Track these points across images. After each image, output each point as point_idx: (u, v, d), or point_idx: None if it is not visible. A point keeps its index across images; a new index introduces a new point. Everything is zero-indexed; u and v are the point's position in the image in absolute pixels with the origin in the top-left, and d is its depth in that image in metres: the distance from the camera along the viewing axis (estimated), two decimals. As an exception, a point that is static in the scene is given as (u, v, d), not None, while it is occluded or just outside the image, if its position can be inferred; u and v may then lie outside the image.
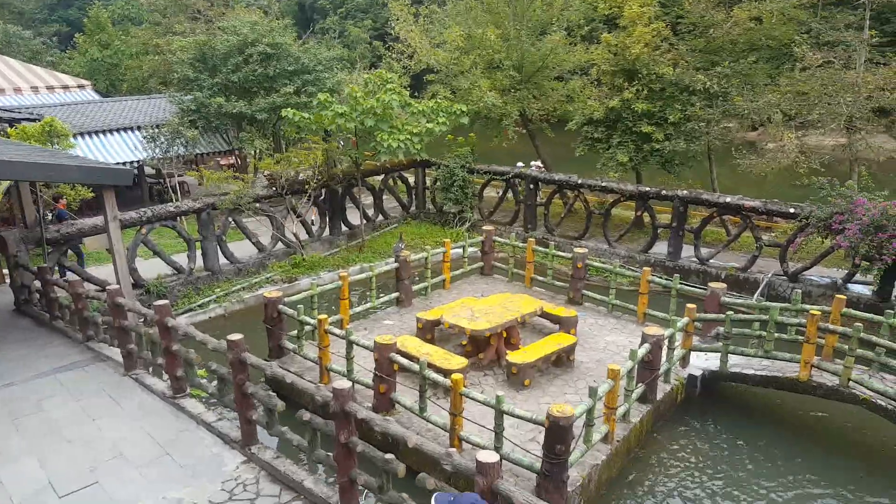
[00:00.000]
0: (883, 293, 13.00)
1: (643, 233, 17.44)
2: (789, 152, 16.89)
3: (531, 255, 13.91)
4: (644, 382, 9.27)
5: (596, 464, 8.14)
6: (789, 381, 9.81)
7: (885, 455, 9.34)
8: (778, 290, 14.12)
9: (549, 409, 7.20)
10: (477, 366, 10.42)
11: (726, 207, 15.01)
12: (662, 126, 17.17)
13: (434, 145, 18.81)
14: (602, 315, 12.69)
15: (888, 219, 11.52)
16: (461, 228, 19.03)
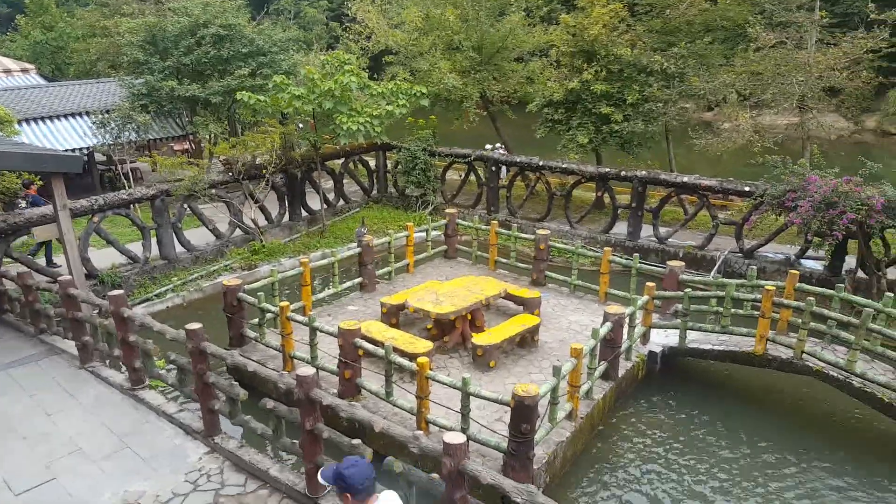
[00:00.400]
0: (834, 268, 13.43)
1: (604, 214, 17.64)
2: (744, 132, 17.25)
3: (494, 238, 13.93)
4: (606, 360, 9.41)
5: (561, 441, 8.25)
6: (746, 354, 10.09)
7: (835, 422, 9.71)
8: (734, 267, 14.46)
9: (514, 389, 7.26)
10: (442, 349, 10.42)
11: (683, 187, 15.27)
12: (621, 107, 17.33)
13: (394, 128, 18.65)
14: (565, 295, 12.82)
15: (839, 195, 11.83)
16: (424, 212, 18.95)
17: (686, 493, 8.21)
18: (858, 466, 8.58)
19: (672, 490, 8.29)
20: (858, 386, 9.09)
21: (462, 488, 5.73)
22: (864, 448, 9.04)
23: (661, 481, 8.45)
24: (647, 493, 8.24)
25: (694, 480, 8.44)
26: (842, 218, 11.62)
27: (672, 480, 8.45)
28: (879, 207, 11.44)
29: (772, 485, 8.32)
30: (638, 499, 8.15)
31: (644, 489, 8.31)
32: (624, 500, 8.15)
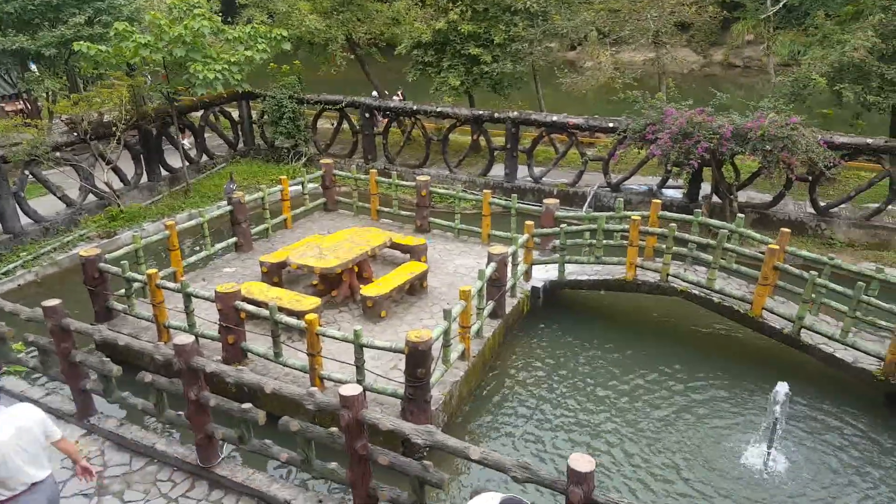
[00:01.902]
0: (692, 195, 14.48)
1: (481, 156, 17.82)
2: (605, 69, 17.91)
3: (375, 187, 13.67)
4: (493, 299, 9.63)
5: (456, 380, 8.42)
6: (618, 282, 10.72)
7: (702, 336, 10.62)
8: (603, 201, 15.20)
9: (407, 336, 7.26)
10: (331, 304, 10.21)
11: (553, 126, 15.69)
12: (489, 48, 17.35)
13: (257, 75, 17.59)
14: (450, 240, 12.92)
15: (693, 126, 12.63)
16: (297, 164, 18.21)
17: (574, 417, 8.69)
18: (726, 374, 9.45)
19: (562, 414, 8.74)
20: (718, 301, 9.95)
21: (362, 437, 5.70)
22: (729, 357, 9.97)
23: (551, 407, 8.88)
24: (540, 419, 8.64)
25: (581, 404, 8.95)
26: (697, 147, 12.43)
27: (561, 406, 8.91)
28: (729, 135, 12.34)
29: (651, 400, 9.00)
30: (531, 426, 8.53)
31: (536, 416, 8.71)
32: (519, 429, 8.49)
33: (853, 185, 14.40)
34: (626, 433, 8.35)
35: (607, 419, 8.63)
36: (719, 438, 8.22)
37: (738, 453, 7.96)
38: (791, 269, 9.34)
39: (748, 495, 7.33)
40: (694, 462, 7.83)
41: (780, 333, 9.40)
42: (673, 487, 7.47)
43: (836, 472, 7.70)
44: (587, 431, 8.42)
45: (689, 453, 7.97)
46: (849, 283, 8.79)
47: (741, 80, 29.91)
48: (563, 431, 8.43)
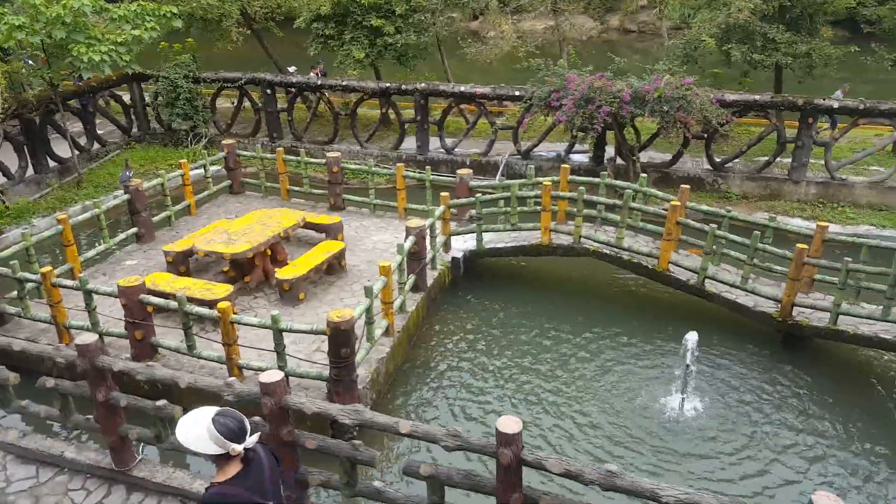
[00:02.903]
0: (597, 158, 14.89)
1: (391, 130, 17.59)
2: (508, 38, 17.99)
3: (282, 166, 13.23)
4: (414, 273, 9.59)
5: (382, 357, 8.36)
6: (534, 247, 10.94)
7: (613, 291, 11.04)
8: (515, 169, 15.39)
9: (328, 316, 7.11)
10: (245, 290, 9.85)
11: (462, 96, 15.65)
12: (391, 19, 17.00)
13: (147, 56, 16.54)
14: (366, 216, 12.72)
15: (595, 91, 12.93)
16: (198, 146, 17.34)
17: (501, 381, 8.85)
18: (640, 328, 9.86)
19: (489, 379, 8.87)
20: (628, 258, 10.35)
21: (287, 424, 5.55)
22: (642, 310, 10.41)
23: (479, 373, 8.99)
24: (468, 387, 8.74)
25: (507, 368, 9.11)
26: (599, 112, 12.75)
27: (488, 371, 9.04)
28: (628, 99, 12.72)
29: (572, 357, 9.28)
30: (461, 394, 8.62)
31: (465, 384, 8.80)
32: (448, 398, 8.56)
33: (745, 141, 15.22)
34: (551, 391, 8.59)
35: (532, 380, 8.84)
36: (637, 389, 8.59)
37: (656, 401, 8.36)
38: (692, 224, 9.81)
39: (666, 439, 7.73)
40: (615, 413, 8.16)
41: (686, 285, 9.89)
42: (596, 439, 7.77)
43: (744, 408, 8.23)
44: (514, 394, 8.59)
45: (609, 405, 8.30)
46: (745, 232, 9.34)
47: (637, 45, 30.89)
48: (491, 396, 8.57)
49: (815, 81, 16.12)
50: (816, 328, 8.94)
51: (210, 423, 3.45)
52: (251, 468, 3.60)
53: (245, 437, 3.54)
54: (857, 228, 12.67)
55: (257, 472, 3.63)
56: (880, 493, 7.03)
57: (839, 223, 12.84)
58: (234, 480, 3.51)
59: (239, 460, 3.56)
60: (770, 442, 7.70)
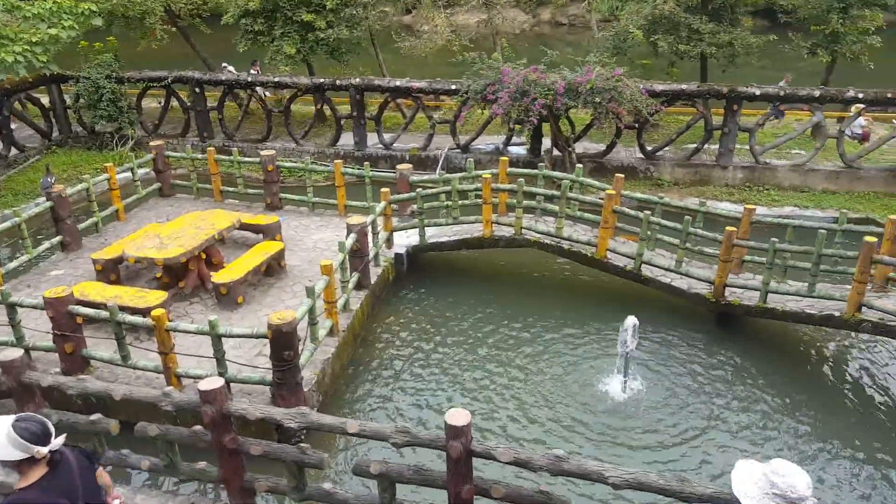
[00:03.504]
0: (534, 150, 15.06)
1: (327, 126, 17.33)
2: (442, 32, 17.99)
3: (214, 166, 12.84)
4: (357, 270, 9.48)
5: (327, 358, 8.24)
6: (477, 240, 10.99)
7: (555, 280, 11.21)
8: (455, 163, 15.42)
9: (268, 319, 6.96)
10: (180, 296, 9.53)
11: (398, 91, 15.56)
12: (322, 13, 16.73)
13: (66, 56, 15.74)
14: (304, 215, 12.49)
15: (529, 84, 13.07)
16: (124, 149, 16.64)
17: (449, 374, 8.86)
18: (582, 314, 10.04)
19: (437, 373, 8.87)
20: (568, 247, 10.52)
21: (230, 431, 5.41)
22: (583, 297, 10.63)
23: (426, 368, 8.98)
24: (416, 382, 8.71)
25: (454, 361, 9.13)
26: (534, 104, 12.91)
27: (435, 365, 9.04)
28: (562, 91, 12.92)
29: (517, 346, 9.37)
30: (409, 390, 8.58)
31: (412, 379, 8.77)
32: (397, 394, 8.52)
33: (674, 129, 15.69)
34: (499, 381, 8.66)
35: (481, 371, 8.89)
36: (581, 373, 8.76)
37: (599, 384, 8.54)
38: (627, 211, 10.06)
39: (611, 421, 7.91)
40: (561, 398, 8.30)
41: (623, 271, 10.13)
42: (544, 425, 7.88)
43: (682, 386, 8.51)
44: (462, 386, 8.62)
45: (555, 391, 8.44)
46: (678, 218, 9.64)
47: (569, 38, 31.41)
48: (440, 389, 8.57)
49: (739, 70, 16.75)
50: (747, 307, 9.31)
51: (10, 429, 3.38)
52: (58, 471, 3.56)
53: (50, 440, 3.48)
54: (782, 210, 13.28)
55: (64, 474, 3.59)
56: (812, 458, 7.39)
57: (765, 205, 13.42)
58: (36, 485, 3.46)
59: (44, 464, 3.51)
60: (708, 417, 7.98)
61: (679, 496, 4.49)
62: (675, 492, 4.45)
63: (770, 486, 2.80)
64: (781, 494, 2.77)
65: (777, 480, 2.80)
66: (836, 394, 8.50)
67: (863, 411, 8.15)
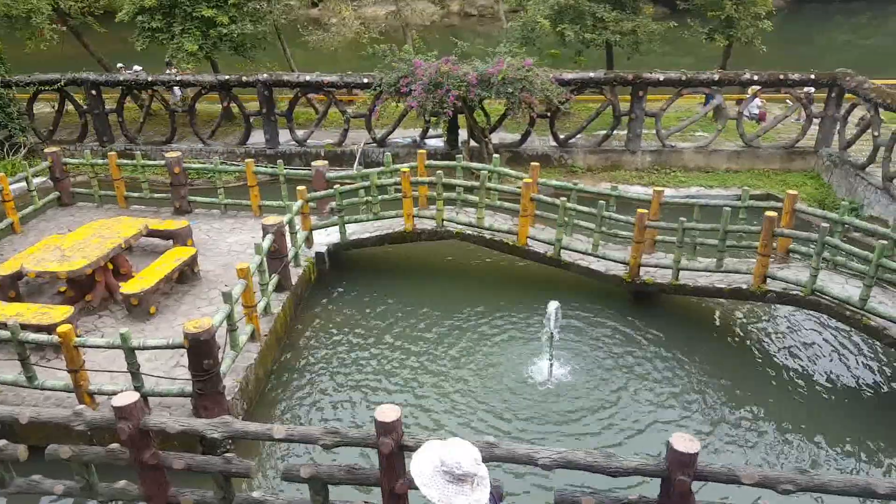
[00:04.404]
0: (452, 142, 15.12)
1: (236, 124, 16.78)
2: (350, 25, 17.73)
3: (117, 172, 12.17)
4: (276, 272, 9.23)
5: (249, 364, 7.99)
6: (399, 234, 10.94)
7: (478, 269, 11.33)
8: (372, 157, 15.27)
9: (184, 327, 6.67)
10: (88, 310, 9.00)
11: (308, 86, 15.24)
12: (224, 8, 16.15)
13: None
14: (217, 217, 12.05)
15: (442, 76, 13.08)
16: (16, 157, 15.53)
17: (378, 371, 8.78)
18: (506, 302, 10.16)
19: (365, 371, 8.77)
20: (489, 237, 10.63)
21: (149, 447, 5.16)
22: (507, 285, 10.76)
23: (354, 366, 8.85)
24: (345, 382, 8.57)
25: (383, 358, 9.05)
26: (448, 96, 12.94)
27: (363, 363, 8.93)
28: (475, 82, 13.01)
29: (444, 337, 9.39)
30: (338, 390, 8.44)
31: (341, 380, 8.62)
32: (326, 396, 8.36)
33: (585, 117, 16.11)
34: (428, 373, 8.66)
35: (409, 364, 8.85)
36: (509, 359, 8.89)
37: (527, 369, 8.69)
38: (545, 199, 10.26)
39: (540, 404, 8.07)
40: (491, 385, 8.39)
41: (544, 257, 10.34)
42: (476, 413, 7.94)
43: (605, 364, 8.78)
44: (392, 381, 8.56)
45: (485, 379, 8.52)
46: (592, 203, 9.91)
47: (479, 29, 31.74)
48: (369, 388, 8.47)
49: (643, 57, 17.40)
50: (661, 285, 9.71)
51: None
52: None
53: None
54: (689, 190, 13.92)
55: None
56: (727, 422, 7.81)
57: (673, 187, 14.03)
58: None
59: None
60: (632, 393, 8.27)
61: (606, 471, 4.63)
62: (602, 467, 4.59)
63: (440, 464, 2.83)
64: (448, 471, 2.80)
65: (445, 458, 2.83)
66: (747, 361, 8.99)
67: (771, 377, 8.67)
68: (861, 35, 33.39)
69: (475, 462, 2.83)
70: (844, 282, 8.85)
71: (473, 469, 2.80)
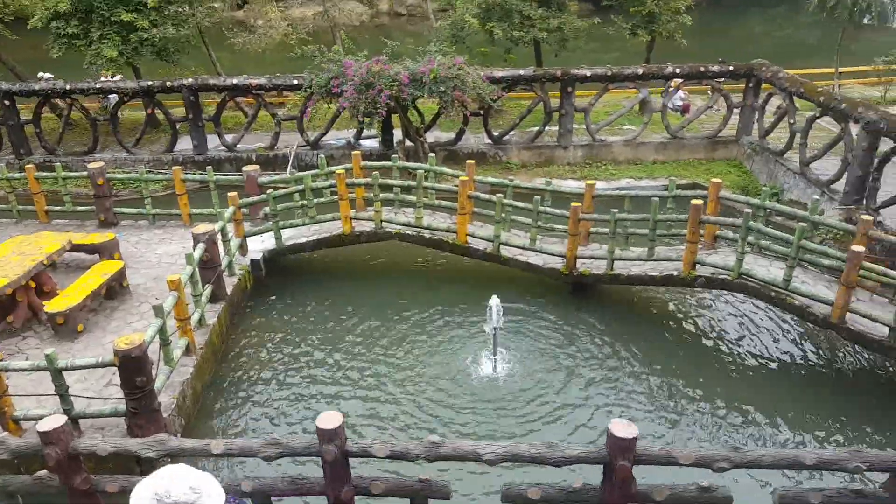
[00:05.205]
0: (387, 142, 15.05)
1: (162, 131, 16.22)
2: (278, 26, 17.40)
3: (36, 185, 11.56)
4: (210, 282, 8.97)
5: (186, 378, 7.75)
6: (337, 237, 10.82)
7: (420, 269, 11.32)
8: (307, 160, 15.03)
9: (114, 345, 6.41)
10: (9, 331, 8.53)
11: (236, 89, 14.87)
12: (144, 12, 15.57)
13: None
14: (145, 229, 11.62)
15: (373, 76, 12.99)
16: (-79, 174, 14.55)
17: (320, 378, 8.65)
18: (449, 299, 10.19)
19: (307, 378, 8.63)
20: (429, 236, 10.64)
21: (80, 472, 4.93)
22: (448, 283, 10.78)
23: (295, 374, 8.70)
24: (287, 391, 8.42)
25: (324, 364, 8.92)
26: (381, 96, 12.86)
27: (304, 370, 8.78)
28: (407, 81, 12.98)
29: (387, 340, 9.34)
30: (280, 399, 8.27)
31: (282, 388, 8.46)
32: (268, 406, 8.18)
33: (517, 114, 16.30)
34: (371, 376, 8.60)
35: (352, 368, 8.77)
36: (454, 356, 8.92)
37: (472, 364, 8.75)
38: (482, 196, 10.34)
39: (486, 398, 8.13)
40: (436, 383, 8.40)
41: (484, 253, 10.42)
42: (422, 411, 7.94)
43: (548, 355, 8.93)
44: (335, 388, 8.45)
45: (430, 377, 8.53)
46: (528, 198, 10.04)
47: (409, 28, 31.70)
48: (312, 396, 8.34)
49: (571, 54, 17.75)
50: (598, 275, 9.94)
51: None
52: None
53: None
54: (620, 182, 14.29)
55: None
56: (669, 407, 8.06)
57: (604, 180, 14.37)
58: None
59: None
60: (574, 383, 8.43)
61: (550, 461, 4.69)
62: (545, 458, 4.66)
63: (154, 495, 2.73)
64: (159, 499, 2.71)
65: (157, 488, 2.74)
66: (681, 345, 9.30)
67: (705, 359, 9.00)
68: (776, 27, 35.09)
69: (191, 490, 2.70)
70: (769, 264, 9.26)
71: (187, 497, 2.68)
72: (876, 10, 16.66)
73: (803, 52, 24.85)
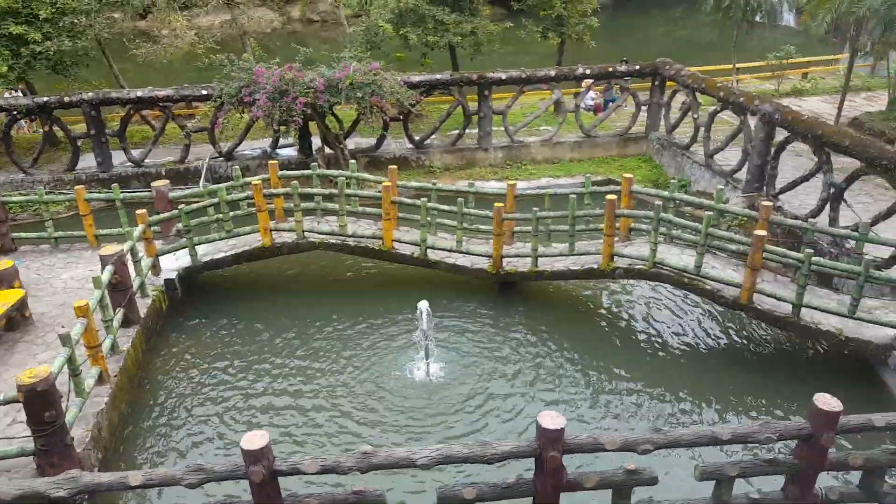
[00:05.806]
0: (305, 150, 14.75)
1: (62, 149, 15.32)
2: (184, 36, 16.78)
3: (-82, 212, 10.65)
4: (121, 306, 8.49)
5: (100, 409, 7.30)
6: (258, 250, 10.49)
7: (346, 278, 11.14)
8: (220, 172, 14.54)
9: (17, 379, 5.95)
10: None
11: (141, 102, 14.23)
12: (35, 24, 14.67)
13: None
14: (47, 253, 10.90)
15: (287, 83, 12.71)
16: None
17: (245, 398, 8.34)
18: (378, 307, 10.04)
19: (231, 399, 8.30)
20: (354, 244, 10.49)
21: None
22: (377, 290, 10.67)
23: (219, 396, 8.36)
24: (211, 414, 8.07)
25: (249, 383, 8.62)
26: (296, 104, 12.59)
27: (228, 391, 8.45)
28: (322, 88, 12.77)
29: (315, 353, 9.12)
30: (204, 424, 7.92)
31: (206, 412, 8.10)
32: (192, 432, 7.81)
33: (437, 118, 16.36)
34: (301, 391, 8.37)
35: (280, 386, 8.50)
36: (386, 364, 8.82)
37: (405, 371, 8.67)
38: (405, 201, 10.30)
39: (420, 403, 8.07)
40: (368, 391, 8.28)
41: (412, 258, 10.36)
42: (355, 422, 7.78)
43: (479, 355, 8.96)
44: (261, 407, 8.17)
45: (361, 385, 8.40)
46: (452, 201, 10.07)
47: (323, 34, 31.31)
48: (237, 418, 8.03)
49: (486, 57, 17.99)
50: (523, 273, 10.08)
51: None
52: None
53: None
54: (539, 181, 14.56)
55: None
56: (595, 395, 8.25)
57: (525, 179, 14.61)
58: None
59: None
60: (506, 380, 8.49)
61: (483, 459, 4.68)
62: (478, 457, 4.64)
63: None
64: None
65: None
66: (604, 335, 9.55)
67: (627, 346, 9.27)
68: (676, 27, 36.81)
69: None
70: (681, 252, 9.65)
71: None
72: (766, 9, 17.69)
73: (703, 50, 26.16)
